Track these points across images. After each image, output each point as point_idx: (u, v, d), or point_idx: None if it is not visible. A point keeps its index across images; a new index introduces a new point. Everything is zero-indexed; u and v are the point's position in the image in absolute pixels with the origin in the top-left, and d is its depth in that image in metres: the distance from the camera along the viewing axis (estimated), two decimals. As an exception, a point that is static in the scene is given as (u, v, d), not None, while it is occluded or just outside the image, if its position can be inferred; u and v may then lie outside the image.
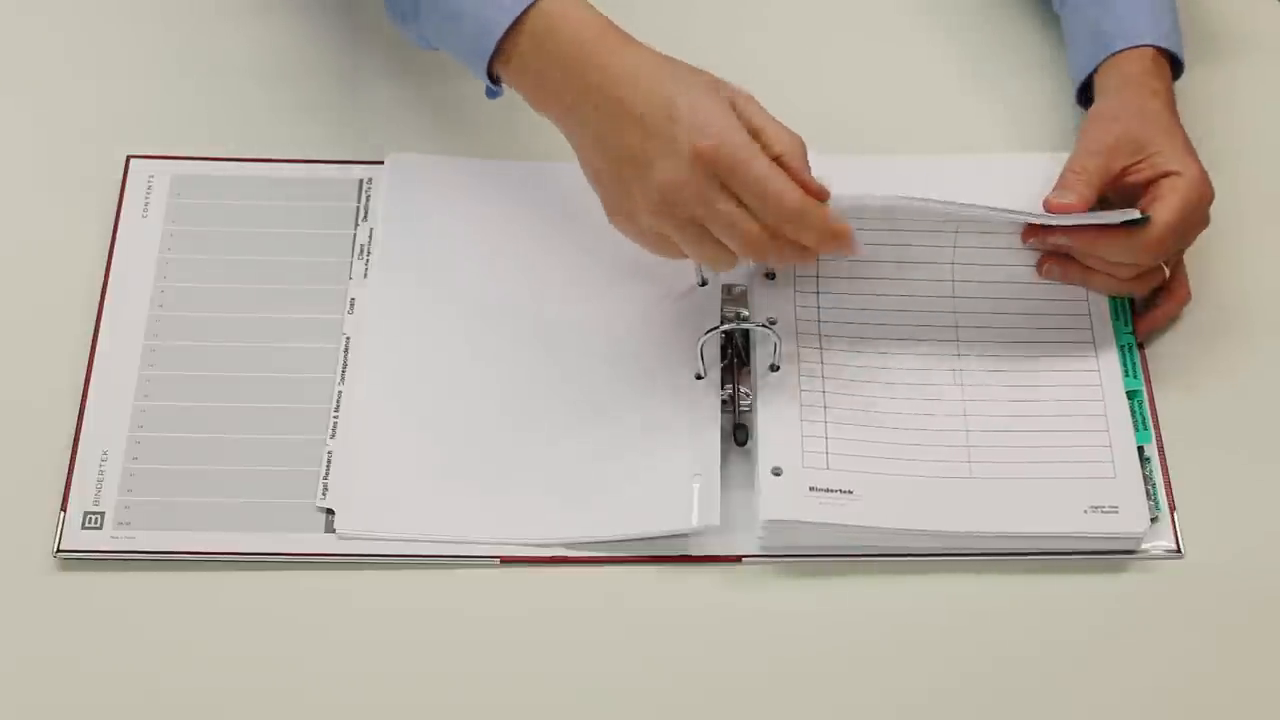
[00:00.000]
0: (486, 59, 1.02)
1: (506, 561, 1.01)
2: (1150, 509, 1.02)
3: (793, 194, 0.97)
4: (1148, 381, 1.08)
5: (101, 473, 1.03)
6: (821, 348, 1.07)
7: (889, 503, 1.01)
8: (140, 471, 1.03)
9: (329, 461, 1.04)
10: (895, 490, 1.01)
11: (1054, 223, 1.05)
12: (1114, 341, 1.07)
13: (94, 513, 1.02)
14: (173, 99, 1.19)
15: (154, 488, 1.02)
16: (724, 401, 1.05)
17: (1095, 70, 1.13)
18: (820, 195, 0.98)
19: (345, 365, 1.07)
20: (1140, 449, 1.04)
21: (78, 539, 1.01)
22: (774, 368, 1.05)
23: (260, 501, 1.02)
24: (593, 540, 1.02)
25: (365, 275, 1.11)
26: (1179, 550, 1.02)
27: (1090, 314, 1.08)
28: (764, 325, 1.05)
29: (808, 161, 0.99)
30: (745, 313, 1.08)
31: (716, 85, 0.99)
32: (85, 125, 1.18)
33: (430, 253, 1.12)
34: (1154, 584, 1.01)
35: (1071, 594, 1.01)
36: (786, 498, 1.01)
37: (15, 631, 0.99)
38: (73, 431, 1.04)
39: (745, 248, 0.99)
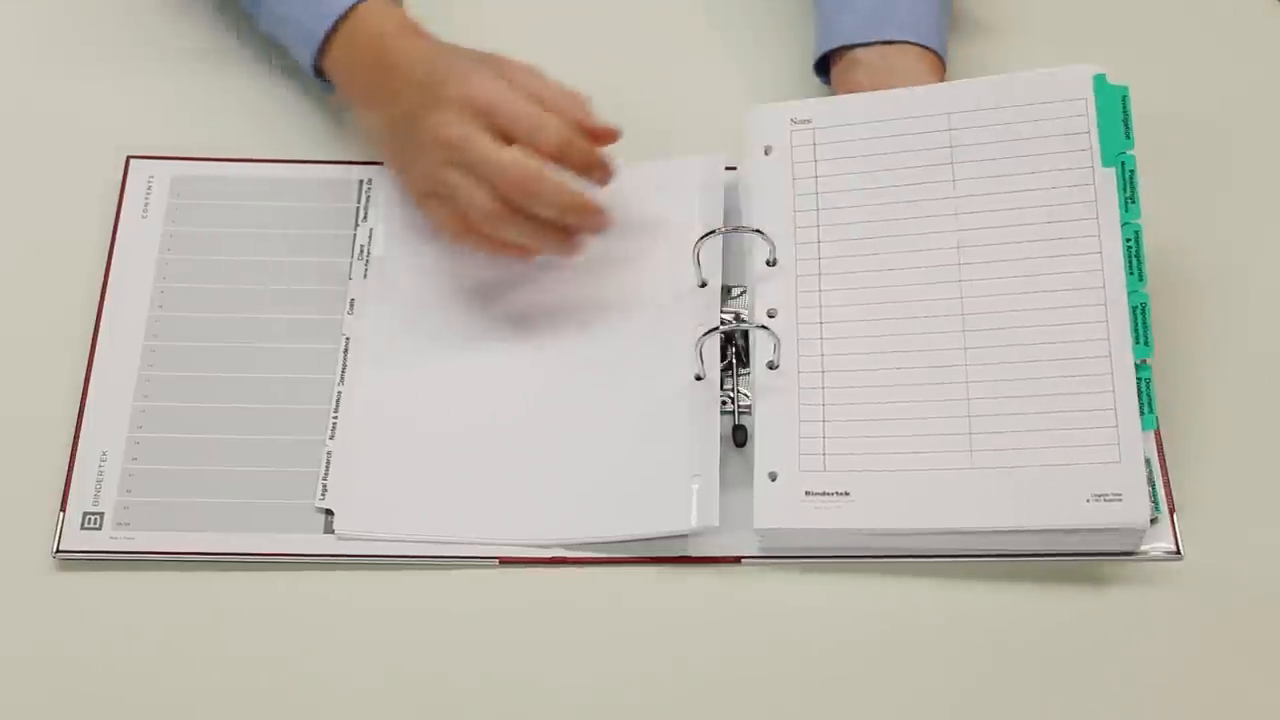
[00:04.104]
0: (312, 62, 1.11)
1: (505, 562, 1.01)
2: (1150, 509, 1.02)
3: (532, 163, 1.02)
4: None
5: (101, 473, 1.03)
6: (822, 337, 1.05)
7: (886, 503, 1.00)
8: (139, 472, 1.03)
9: (328, 462, 1.04)
10: (893, 488, 1.01)
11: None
12: (1129, 337, 1.04)
13: (93, 513, 1.02)
14: (172, 99, 1.19)
15: (153, 488, 1.03)
16: (723, 402, 1.05)
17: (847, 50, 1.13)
18: (608, 137, 1.05)
19: (345, 365, 1.07)
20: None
21: (77, 539, 1.01)
22: (773, 365, 1.05)
23: (259, 502, 1.02)
24: (592, 541, 1.02)
25: (365, 275, 1.11)
26: (1178, 552, 1.02)
27: (1105, 303, 1.04)
28: (763, 326, 1.05)
29: (591, 110, 1.05)
30: (744, 313, 1.07)
31: (490, 57, 1.06)
32: (85, 125, 1.18)
33: (430, 253, 1.11)
34: (1153, 586, 1.01)
35: (1071, 595, 1.01)
36: (781, 504, 1.00)
37: (15, 631, 0.99)
38: (72, 432, 1.04)
39: (475, 217, 1.04)
